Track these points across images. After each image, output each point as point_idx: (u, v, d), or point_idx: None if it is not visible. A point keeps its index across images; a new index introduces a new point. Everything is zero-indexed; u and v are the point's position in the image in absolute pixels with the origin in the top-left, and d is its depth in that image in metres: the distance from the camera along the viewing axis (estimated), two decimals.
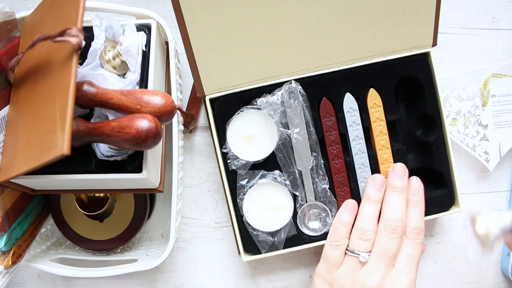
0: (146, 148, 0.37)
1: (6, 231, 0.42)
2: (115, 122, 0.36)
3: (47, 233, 0.54)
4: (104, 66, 0.42)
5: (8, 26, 0.43)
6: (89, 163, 0.41)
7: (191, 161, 0.57)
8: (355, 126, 0.50)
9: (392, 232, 0.45)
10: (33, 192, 0.45)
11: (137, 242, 0.56)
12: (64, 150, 0.31)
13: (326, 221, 0.50)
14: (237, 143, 0.48)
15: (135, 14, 0.46)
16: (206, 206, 0.57)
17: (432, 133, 0.51)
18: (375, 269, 0.44)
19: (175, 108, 0.39)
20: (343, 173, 0.50)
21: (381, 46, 0.48)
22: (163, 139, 0.48)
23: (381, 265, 0.44)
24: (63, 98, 0.33)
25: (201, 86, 0.48)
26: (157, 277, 0.56)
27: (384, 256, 0.45)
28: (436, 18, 0.48)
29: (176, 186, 0.47)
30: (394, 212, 0.46)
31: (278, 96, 0.48)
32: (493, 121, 0.56)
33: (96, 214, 0.50)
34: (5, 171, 0.39)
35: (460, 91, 0.55)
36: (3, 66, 0.42)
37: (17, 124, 0.40)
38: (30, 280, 0.57)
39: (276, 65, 0.48)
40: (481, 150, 0.56)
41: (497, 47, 0.58)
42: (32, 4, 0.57)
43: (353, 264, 0.45)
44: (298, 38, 0.46)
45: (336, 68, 0.49)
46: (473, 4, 0.57)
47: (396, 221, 0.45)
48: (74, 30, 0.34)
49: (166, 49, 0.52)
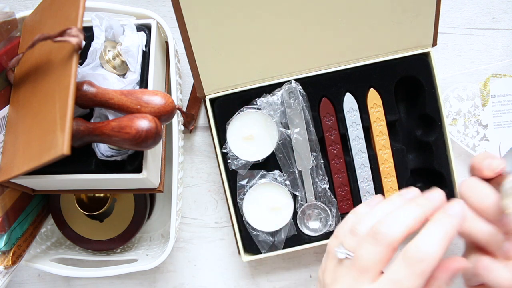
0: (146, 148, 0.37)
1: (6, 231, 0.42)
2: (115, 122, 0.36)
3: (47, 233, 0.54)
4: (104, 66, 0.42)
5: (8, 26, 0.43)
6: (89, 163, 0.41)
7: (191, 161, 0.57)
8: (355, 126, 0.50)
9: (373, 236, 0.31)
10: (33, 192, 0.45)
11: (137, 242, 0.56)
12: (64, 150, 0.31)
13: (326, 221, 0.50)
14: (237, 143, 0.48)
15: (135, 14, 0.46)
16: (206, 206, 0.57)
17: (432, 133, 0.51)
18: (341, 276, 0.33)
19: (175, 108, 0.39)
20: (343, 173, 0.50)
21: (381, 46, 0.48)
22: (163, 139, 0.48)
23: (349, 275, 0.32)
24: (63, 98, 0.33)
25: (201, 86, 0.48)
26: (157, 277, 0.56)
27: (355, 265, 0.32)
28: (436, 18, 0.48)
29: (176, 186, 0.47)
30: (391, 217, 0.32)
31: (278, 96, 0.48)
32: (493, 121, 0.56)
33: (96, 214, 0.50)
34: (5, 171, 0.39)
35: (460, 91, 0.55)
36: (3, 66, 0.42)
37: (17, 124, 0.40)
38: (30, 280, 0.57)
39: (276, 65, 0.48)
40: (481, 150, 0.56)
41: (497, 47, 0.58)
42: (32, 4, 0.57)
43: (334, 260, 0.35)
44: (298, 38, 0.46)
45: (336, 68, 0.49)
46: (473, 4, 0.57)
47: (385, 226, 0.32)
48: (74, 30, 0.34)
49: (166, 49, 0.52)
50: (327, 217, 0.50)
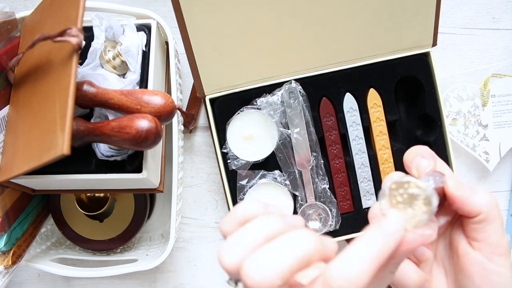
0: (146, 148, 0.37)
1: (6, 231, 0.42)
2: (115, 122, 0.36)
3: (47, 233, 0.54)
4: (104, 66, 0.42)
5: (8, 26, 0.43)
6: (89, 163, 0.41)
7: (191, 161, 0.57)
8: (355, 126, 0.50)
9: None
10: (33, 192, 0.45)
11: (137, 242, 0.56)
12: (64, 150, 0.31)
13: (326, 221, 0.50)
14: (237, 143, 0.48)
15: (135, 14, 0.46)
16: (206, 206, 0.57)
17: (432, 133, 0.51)
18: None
19: (175, 108, 0.39)
20: (343, 173, 0.50)
21: (381, 46, 0.48)
22: (163, 139, 0.48)
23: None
24: (63, 98, 0.33)
25: (201, 86, 0.48)
26: (157, 277, 0.56)
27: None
28: (436, 18, 0.48)
29: (176, 186, 0.47)
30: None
31: (278, 96, 0.48)
32: (493, 121, 0.55)
33: (96, 214, 0.50)
34: (5, 171, 0.39)
35: (460, 91, 0.55)
36: (3, 66, 0.42)
37: (17, 124, 0.40)
38: (30, 280, 0.57)
39: (276, 65, 0.48)
40: (481, 150, 0.56)
41: (497, 47, 0.58)
42: (32, 4, 0.57)
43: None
44: (298, 38, 0.46)
45: (336, 68, 0.49)
46: (473, 4, 0.57)
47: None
48: (74, 30, 0.34)
49: (166, 49, 0.52)
50: (327, 217, 0.50)
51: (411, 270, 0.30)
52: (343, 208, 0.50)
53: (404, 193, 0.24)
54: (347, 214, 0.50)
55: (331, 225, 0.50)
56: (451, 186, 0.28)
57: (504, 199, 0.58)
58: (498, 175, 0.58)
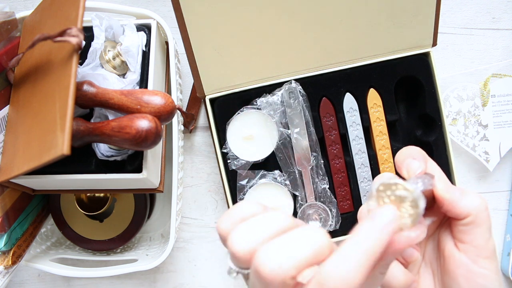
0: (146, 148, 0.37)
1: (6, 231, 0.42)
2: (115, 122, 0.36)
3: (47, 233, 0.54)
4: (104, 66, 0.42)
5: (8, 26, 0.43)
6: (89, 163, 0.41)
7: (191, 161, 0.57)
8: (355, 126, 0.50)
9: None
10: (33, 192, 0.45)
11: (137, 242, 0.56)
12: (64, 150, 0.31)
13: (326, 221, 0.50)
14: (237, 143, 0.48)
15: (135, 14, 0.46)
16: (206, 206, 0.57)
17: (432, 133, 0.51)
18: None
19: (175, 108, 0.39)
20: (343, 173, 0.50)
21: (381, 46, 0.48)
22: (163, 139, 0.48)
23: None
24: (63, 98, 0.33)
25: (201, 86, 0.48)
26: (157, 277, 0.56)
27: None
28: (436, 18, 0.48)
29: (176, 186, 0.47)
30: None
31: (278, 96, 0.48)
32: (493, 121, 0.55)
33: (96, 214, 0.50)
34: (5, 171, 0.39)
35: (460, 91, 0.55)
36: (3, 66, 0.42)
37: (17, 124, 0.40)
38: (30, 280, 0.57)
39: (276, 65, 0.48)
40: (481, 150, 0.56)
41: (497, 47, 0.58)
42: (32, 4, 0.57)
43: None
44: (298, 38, 0.46)
45: (336, 68, 0.49)
46: (473, 4, 0.57)
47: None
48: (74, 30, 0.34)
49: (166, 49, 0.52)
50: (327, 217, 0.50)
51: (399, 271, 0.30)
52: (343, 208, 0.50)
53: (391, 194, 0.24)
54: (347, 214, 0.50)
55: (331, 225, 0.50)
56: (440, 188, 0.28)
57: (504, 199, 0.58)
58: (498, 175, 0.58)
